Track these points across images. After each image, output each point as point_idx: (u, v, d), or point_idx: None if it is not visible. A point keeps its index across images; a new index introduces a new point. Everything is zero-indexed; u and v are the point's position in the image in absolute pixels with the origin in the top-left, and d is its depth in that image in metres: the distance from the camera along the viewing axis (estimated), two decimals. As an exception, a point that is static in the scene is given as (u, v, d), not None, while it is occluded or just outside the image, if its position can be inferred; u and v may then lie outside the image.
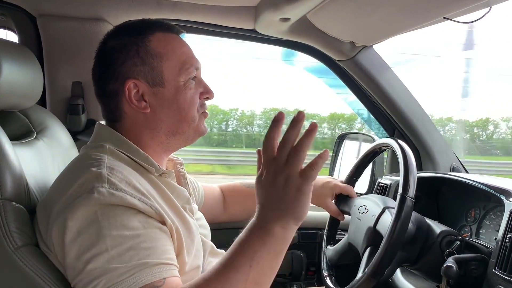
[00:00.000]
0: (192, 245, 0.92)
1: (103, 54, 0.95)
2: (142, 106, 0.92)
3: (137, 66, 0.92)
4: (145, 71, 0.92)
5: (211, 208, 1.34)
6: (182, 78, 0.94)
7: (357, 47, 1.58)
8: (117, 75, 0.92)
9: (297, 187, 0.73)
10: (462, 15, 1.18)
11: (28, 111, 1.11)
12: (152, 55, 0.92)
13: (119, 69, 0.92)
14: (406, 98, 1.68)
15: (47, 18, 1.43)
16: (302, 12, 1.33)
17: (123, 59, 0.92)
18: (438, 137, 1.73)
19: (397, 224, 0.92)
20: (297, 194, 0.73)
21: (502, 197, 1.07)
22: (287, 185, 0.73)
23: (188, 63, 0.95)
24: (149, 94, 0.93)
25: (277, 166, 0.74)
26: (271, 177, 0.74)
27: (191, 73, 0.95)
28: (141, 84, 0.92)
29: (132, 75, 0.92)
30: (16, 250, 0.77)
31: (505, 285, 0.92)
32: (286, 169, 0.73)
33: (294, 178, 0.73)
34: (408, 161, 0.99)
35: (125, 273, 0.73)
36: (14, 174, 0.83)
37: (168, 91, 0.93)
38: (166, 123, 0.94)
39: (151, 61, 0.92)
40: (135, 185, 0.82)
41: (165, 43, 0.94)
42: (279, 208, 0.74)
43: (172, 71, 0.93)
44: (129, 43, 0.92)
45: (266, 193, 0.75)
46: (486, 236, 1.19)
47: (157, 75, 0.92)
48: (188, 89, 0.95)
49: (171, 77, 0.93)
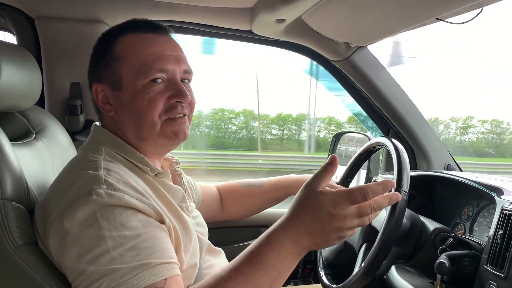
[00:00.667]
0: (189, 244, 0.92)
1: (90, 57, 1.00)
2: (107, 108, 0.95)
3: (103, 70, 0.94)
4: (107, 75, 0.94)
5: (209, 208, 1.35)
6: (140, 82, 0.90)
7: (352, 48, 1.59)
8: (90, 79, 0.97)
9: (341, 235, 0.79)
10: (454, 16, 1.20)
11: (27, 112, 1.12)
12: (115, 58, 0.93)
13: (92, 72, 0.97)
14: (401, 97, 1.70)
15: (45, 19, 1.44)
16: (297, 13, 1.34)
17: (95, 63, 0.96)
18: (432, 136, 1.75)
19: (391, 219, 0.93)
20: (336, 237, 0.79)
21: (493, 194, 1.09)
22: (339, 229, 0.78)
23: (147, 66, 0.90)
24: (112, 97, 0.95)
25: (352, 214, 0.78)
26: (339, 214, 0.77)
27: (150, 75, 0.90)
28: (105, 87, 0.95)
29: (97, 79, 0.95)
30: (17, 249, 0.78)
31: (496, 281, 0.94)
32: (355, 221, 0.78)
33: (348, 230, 0.79)
34: (401, 157, 1.00)
35: (127, 274, 0.73)
36: (14, 174, 0.84)
37: (125, 95, 0.92)
38: (129, 127, 0.94)
39: (112, 64, 0.93)
40: (132, 185, 0.83)
41: (130, 45, 0.93)
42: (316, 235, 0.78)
43: (129, 74, 0.91)
44: (101, 46, 0.97)
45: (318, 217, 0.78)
46: (479, 233, 1.20)
47: (117, 79, 0.93)
48: (146, 93, 0.90)
49: (129, 81, 0.91)
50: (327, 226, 0.77)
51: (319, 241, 0.79)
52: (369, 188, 0.78)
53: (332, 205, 0.77)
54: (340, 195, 0.77)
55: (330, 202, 0.77)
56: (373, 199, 0.78)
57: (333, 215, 0.76)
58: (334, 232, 0.78)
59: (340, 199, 0.77)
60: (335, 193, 0.78)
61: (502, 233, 0.97)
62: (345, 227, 0.78)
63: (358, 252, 1.08)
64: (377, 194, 0.79)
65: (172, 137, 0.94)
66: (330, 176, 0.82)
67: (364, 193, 0.77)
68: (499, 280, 0.93)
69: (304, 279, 1.75)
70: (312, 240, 0.78)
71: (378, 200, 0.79)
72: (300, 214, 0.79)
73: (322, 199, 0.78)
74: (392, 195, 0.81)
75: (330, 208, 0.77)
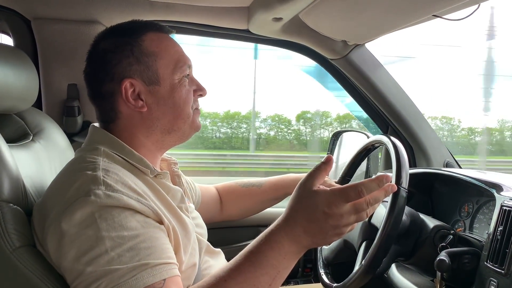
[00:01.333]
0: (188, 244, 0.92)
1: (95, 56, 0.96)
2: (139, 105, 0.93)
3: (133, 65, 0.92)
4: (141, 70, 0.93)
5: (208, 208, 1.35)
6: (177, 76, 0.95)
7: (350, 46, 1.59)
8: (112, 75, 0.92)
9: (339, 232, 0.79)
10: (451, 13, 1.20)
11: (24, 114, 1.11)
12: (147, 54, 0.93)
13: (114, 69, 0.92)
14: (399, 95, 1.69)
15: (41, 21, 1.43)
16: (294, 12, 1.34)
17: (118, 59, 0.92)
18: (431, 133, 1.75)
19: (391, 215, 0.93)
20: (333, 234, 0.79)
21: (493, 191, 1.09)
22: (336, 226, 0.78)
23: (182, 61, 0.97)
24: (145, 93, 0.93)
25: (348, 211, 0.77)
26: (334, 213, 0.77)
27: (184, 71, 0.97)
28: (137, 83, 0.93)
29: (128, 75, 0.92)
30: (14, 251, 0.77)
31: (496, 277, 0.94)
32: (351, 217, 0.78)
33: (346, 227, 0.79)
34: (399, 154, 1.00)
35: (126, 274, 0.73)
36: (11, 176, 0.83)
37: (163, 89, 0.94)
38: (162, 120, 0.95)
39: (145, 60, 0.93)
40: (131, 186, 0.82)
41: (158, 42, 0.95)
42: (314, 234, 0.78)
43: (166, 69, 0.95)
44: (122, 43, 0.93)
45: (313, 217, 0.78)
46: (479, 230, 1.20)
47: (153, 73, 0.93)
48: (183, 87, 0.96)
49: (166, 75, 0.94)
50: (324, 225, 0.77)
51: (317, 239, 0.79)
52: (363, 185, 0.77)
53: (327, 205, 0.77)
54: (334, 194, 0.77)
55: (324, 202, 0.77)
56: (369, 194, 0.78)
57: (329, 214, 0.76)
58: (332, 229, 0.78)
59: (334, 198, 0.77)
60: (329, 192, 0.78)
61: (502, 230, 0.97)
62: (342, 224, 0.78)
63: (358, 250, 1.08)
64: (372, 190, 0.78)
65: (199, 126, 1.02)
66: (324, 175, 0.82)
67: (358, 191, 0.77)
68: (500, 277, 0.93)
69: (304, 279, 1.75)
70: (310, 239, 0.78)
71: (374, 194, 0.79)
72: (296, 214, 0.79)
73: (316, 199, 0.78)
74: (387, 187, 0.80)
75: (325, 208, 0.77)
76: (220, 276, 0.77)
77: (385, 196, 0.81)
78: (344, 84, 1.79)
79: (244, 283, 0.76)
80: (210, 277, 0.79)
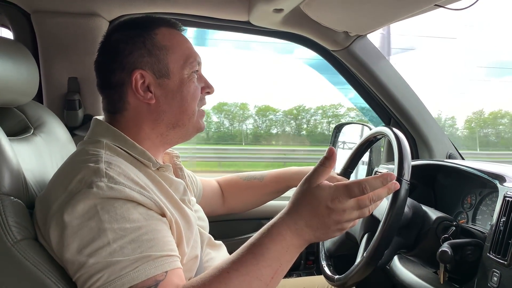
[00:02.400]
0: (191, 237, 0.93)
1: (108, 46, 0.97)
2: (148, 96, 0.94)
3: (144, 57, 0.93)
4: (152, 62, 0.94)
5: (210, 202, 1.35)
6: (186, 71, 0.97)
7: (351, 37, 1.58)
8: (123, 66, 0.93)
9: (341, 227, 0.80)
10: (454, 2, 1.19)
11: (25, 107, 1.11)
12: (159, 47, 0.95)
13: (125, 59, 0.93)
14: (401, 86, 1.69)
15: (41, 14, 1.43)
16: (295, 3, 1.33)
17: (130, 50, 0.93)
18: (433, 125, 1.74)
19: (393, 207, 0.92)
20: (335, 229, 0.80)
21: (496, 182, 1.09)
22: (338, 221, 0.78)
23: (192, 57, 0.98)
24: (155, 85, 0.95)
25: (350, 207, 0.78)
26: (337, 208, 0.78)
27: (194, 67, 0.98)
28: (148, 74, 0.94)
29: (139, 66, 0.93)
30: (16, 243, 0.78)
31: (499, 268, 0.94)
32: (354, 213, 0.79)
33: (348, 222, 0.80)
34: (402, 146, 1.00)
35: (128, 267, 0.74)
36: (12, 170, 0.84)
37: (173, 83, 0.95)
38: (168, 114, 0.96)
39: (157, 53, 0.94)
40: (133, 179, 0.83)
41: (170, 37, 0.97)
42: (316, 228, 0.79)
43: (177, 63, 0.96)
44: (135, 35, 0.94)
45: (316, 211, 0.79)
46: (482, 222, 1.20)
47: (163, 66, 0.95)
48: (192, 82, 0.98)
49: (176, 70, 0.96)
50: (326, 220, 0.78)
51: (319, 233, 0.79)
52: (367, 182, 0.78)
53: (330, 200, 0.77)
54: (337, 189, 0.78)
55: (328, 197, 0.78)
56: (373, 191, 0.79)
57: (332, 209, 0.77)
58: (334, 224, 0.78)
59: (337, 194, 0.78)
60: (333, 188, 0.79)
61: (505, 221, 0.96)
62: (344, 219, 0.78)
63: (360, 242, 1.08)
64: (376, 188, 0.79)
65: (202, 127, 1.02)
66: (329, 170, 0.82)
67: (362, 188, 0.78)
68: (502, 268, 0.93)
69: (307, 271, 1.76)
70: (312, 233, 0.79)
71: (377, 191, 0.80)
72: (299, 208, 0.80)
73: (320, 193, 0.78)
74: (390, 185, 0.81)
75: (328, 203, 0.77)
76: (222, 268, 0.77)
77: (388, 194, 0.82)
78: (345, 76, 1.78)
79: (247, 275, 0.76)
80: (213, 269, 0.79)
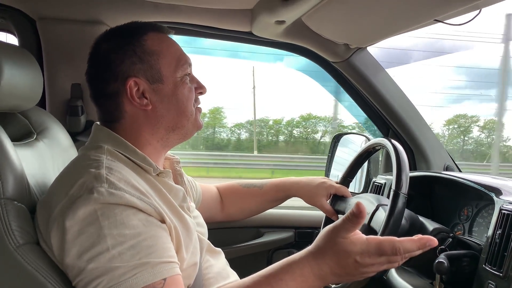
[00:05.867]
0: (190, 243, 0.93)
1: (98, 56, 0.97)
2: (144, 103, 0.94)
3: (136, 64, 0.94)
4: (144, 69, 0.94)
5: (209, 207, 1.35)
6: (179, 74, 0.97)
7: (351, 49, 1.60)
8: (116, 75, 0.94)
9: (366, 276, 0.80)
10: (453, 18, 1.21)
11: (28, 113, 1.12)
12: (149, 53, 0.95)
13: (118, 68, 0.93)
14: (400, 98, 1.70)
15: (46, 21, 1.44)
16: (297, 15, 1.35)
17: (121, 59, 0.93)
18: (431, 137, 1.75)
19: (390, 220, 0.93)
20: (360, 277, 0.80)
21: (492, 194, 1.10)
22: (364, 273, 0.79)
23: (183, 60, 0.99)
24: (149, 91, 0.95)
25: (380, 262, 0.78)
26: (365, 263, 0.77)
27: (186, 70, 0.99)
28: (141, 81, 0.94)
29: (132, 74, 0.94)
30: (18, 248, 0.78)
31: (495, 280, 0.95)
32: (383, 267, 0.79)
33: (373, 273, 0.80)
34: (400, 158, 1.01)
35: (127, 273, 0.74)
36: (16, 174, 0.84)
37: (167, 87, 0.96)
38: (166, 118, 0.97)
39: (148, 58, 0.95)
40: (134, 184, 0.83)
41: (159, 41, 0.97)
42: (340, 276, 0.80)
43: (169, 67, 0.97)
44: (124, 44, 0.94)
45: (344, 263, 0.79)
46: (478, 234, 1.21)
47: (156, 72, 0.95)
48: (185, 84, 0.99)
49: (169, 73, 0.96)
50: (353, 271, 0.78)
51: (342, 280, 0.82)
52: (401, 244, 0.77)
53: (360, 255, 0.77)
54: (369, 246, 0.78)
55: (358, 251, 0.78)
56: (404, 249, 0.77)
57: (360, 264, 0.78)
58: (359, 274, 0.79)
59: (368, 250, 0.77)
60: (364, 244, 0.78)
61: (501, 233, 0.98)
62: (371, 271, 0.79)
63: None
64: (410, 251, 0.78)
65: (201, 124, 1.04)
66: (357, 227, 0.80)
67: (395, 249, 0.77)
68: (498, 280, 0.94)
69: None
70: (335, 279, 0.81)
71: (409, 249, 0.78)
72: (326, 255, 0.80)
73: (351, 248, 0.78)
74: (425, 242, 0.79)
75: (357, 257, 0.78)
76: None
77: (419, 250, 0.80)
78: (345, 87, 1.80)
79: None
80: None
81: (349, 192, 1.32)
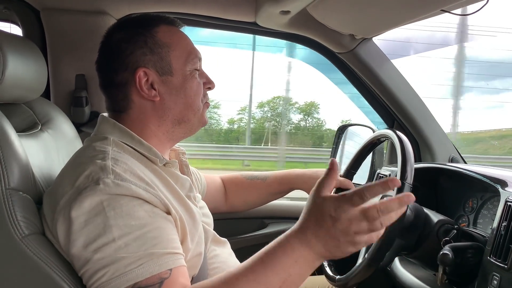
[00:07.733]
0: (196, 233, 0.93)
1: (109, 46, 0.97)
2: (152, 94, 0.95)
3: (146, 55, 0.94)
4: (154, 60, 0.95)
5: (213, 198, 1.36)
6: (188, 68, 0.98)
7: (357, 40, 1.59)
8: (126, 65, 0.94)
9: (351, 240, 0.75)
10: (460, 7, 1.19)
11: (33, 104, 1.12)
12: (160, 45, 0.95)
13: (128, 58, 0.94)
14: (405, 90, 1.69)
15: (50, 11, 1.44)
16: (302, 5, 1.34)
17: (131, 49, 0.94)
18: (436, 128, 1.74)
19: None
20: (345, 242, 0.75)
21: (498, 186, 1.09)
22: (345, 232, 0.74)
23: (193, 54, 0.99)
24: (158, 83, 0.95)
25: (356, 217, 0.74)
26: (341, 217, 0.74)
27: (195, 64, 0.99)
28: (151, 72, 0.94)
29: (142, 64, 0.94)
30: (24, 238, 0.78)
31: (499, 272, 0.94)
32: (362, 224, 0.74)
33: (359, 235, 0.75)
34: (405, 149, 1.00)
35: (132, 263, 0.75)
36: (21, 165, 0.85)
37: (176, 80, 0.96)
38: (173, 110, 0.97)
39: (159, 50, 0.95)
40: (139, 175, 0.83)
41: (170, 34, 0.98)
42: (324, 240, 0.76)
43: (179, 60, 0.97)
44: (136, 34, 0.95)
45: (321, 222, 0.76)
46: (483, 226, 1.21)
47: (166, 64, 0.96)
48: (194, 78, 0.99)
49: (179, 66, 0.97)
50: (332, 230, 0.75)
51: (329, 246, 0.77)
52: (365, 188, 0.75)
53: (333, 209, 0.75)
54: (338, 198, 0.76)
55: (331, 206, 0.76)
56: (380, 202, 0.75)
57: (335, 219, 0.75)
58: (342, 236, 0.75)
59: (339, 202, 0.75)
60: (334, 197, 0.77)
61: (506, 225, 0.97)
62: (352, 230, 0.75)
63: (362, 243, 1.09)
64: (376, 194, 0.75)
65: (206, 121, 1.04)
66: (333, 181, 0.80)
67: (361, 194, 0.75)
68: (502, 272, 0.94)
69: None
70: (321, 245, 0.77)
71: (385, 203, 0.75)
72: (307, 220, 0.79)
73: (323, 204, 0.77)
74: (402, 197, 0.76)
75: (331, 212, 0.75)
76: (233, 273, 0.78)
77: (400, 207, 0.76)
78: (350, 78, 1.79)
79: (254, 281, 0.76)
80: (224, 273, 0.79)
81: (353, 184, 1.31)
